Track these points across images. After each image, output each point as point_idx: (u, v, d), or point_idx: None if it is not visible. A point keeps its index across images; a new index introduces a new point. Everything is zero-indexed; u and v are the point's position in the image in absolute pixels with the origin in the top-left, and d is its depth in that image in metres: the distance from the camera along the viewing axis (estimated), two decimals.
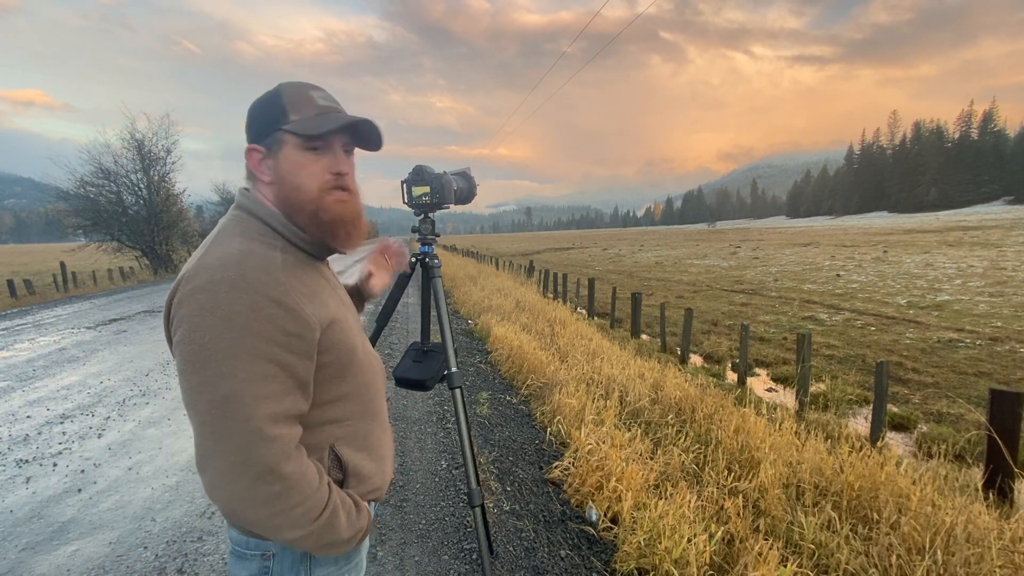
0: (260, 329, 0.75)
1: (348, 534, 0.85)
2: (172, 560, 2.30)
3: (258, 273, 0.78)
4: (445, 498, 2.85)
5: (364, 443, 0.96)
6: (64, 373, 5.49)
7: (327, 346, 0.85)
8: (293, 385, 0.79)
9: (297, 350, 0.79)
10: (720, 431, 3.31)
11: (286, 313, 0.78)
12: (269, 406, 0.75)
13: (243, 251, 0.80)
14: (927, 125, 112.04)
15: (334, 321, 0.87)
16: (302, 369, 0.81)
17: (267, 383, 0.76)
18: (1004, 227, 39.73)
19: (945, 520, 2.21)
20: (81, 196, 18.63)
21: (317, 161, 0.87)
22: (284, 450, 0.76)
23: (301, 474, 0.78)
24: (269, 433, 0.75)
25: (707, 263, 26.00)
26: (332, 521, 0.82)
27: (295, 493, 0.77)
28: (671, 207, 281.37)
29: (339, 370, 0.89)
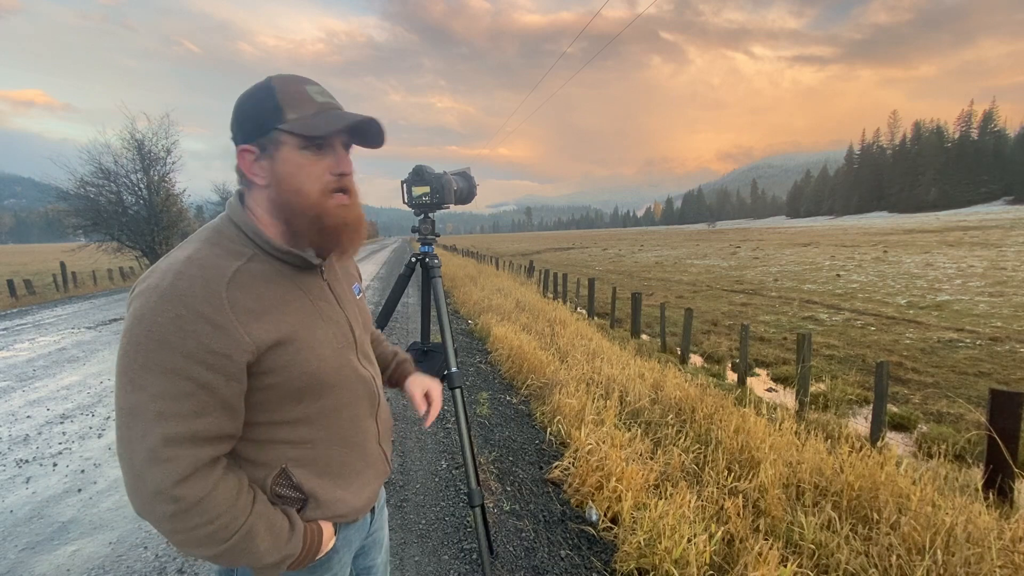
0: (180, 344, 0.71)
1: (271, 558, 0.81)
2: (172, 560, 2.30)
3: (193, 285, 0.73)
4: (445, 498, 2.85)
5: (327, 468, 0.90)
6: (64, 373, 5.49)
7: (271, 368, 0.80)
8: (214, 406, 0.75)
9: (222, 370, 0.74)
10: (720, 431, 3.31)
11: (213, 330, 0.73)
12: (170, 426, 0.71)
13: (190, 259, 0.76)
14: (927, 125, 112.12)
15: (286, 342, 0.81)
16: (227, 390, 0.75)
17: (178, 402, 0.72)
18: (1004, 227, 39.74)
19: (945, 520, 2.20)
20: (81, 196, 18.62)
21: (318, 162, 0.82)
22: (176, 473, 0.71)
23: (200, 497, 0.73)
24: (162, 454, 0.71)
25: (707, 263, 26.00)
26: (247, 544, 0.77)
27: (193, 515, 0.73)
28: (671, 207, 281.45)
29: (293, 392, 0.84)
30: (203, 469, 0.75)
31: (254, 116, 0.81)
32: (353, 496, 0.94)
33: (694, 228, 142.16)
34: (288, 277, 0.86)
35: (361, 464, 0.97)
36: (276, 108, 0.80)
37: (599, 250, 45.51)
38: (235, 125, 0.83)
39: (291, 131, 0.80)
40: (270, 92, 0.81)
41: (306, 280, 0.89)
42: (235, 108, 0.83)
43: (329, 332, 0.90)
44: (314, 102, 0.82)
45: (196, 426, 0.73)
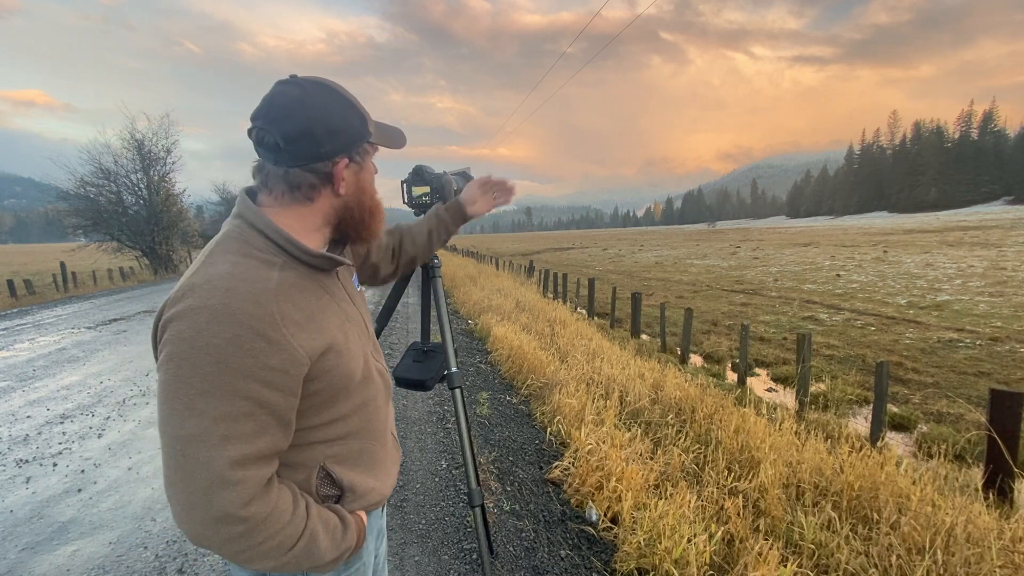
0: (240, 365, 0.70)
1: (331, 555, 0.83)
2: (172, 560, 2.30)
3: (244, 302, 0.71)
4: (445, 498, 2.85)
5: (359, 460, 0.93)
6: (64, 373, 5.49)
7: (317, 375, 0.80)
8: (272, 423, 0.75)
9: (280, 386, 0.74)
10: (720, 431, 3.31)
11: (270, 347, 0.72)
12: (237, 448, 0.71)
13: (232, 274, 0.74)
14: (927, 125, 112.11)
15: (330, 348, 0.81)
16: (284, 406, 0.75)
17: (240, 423, 0.71)
18: (1004, 227, 39.75)
19: (945, 520, 2.20)
20: (81, 196, 18.64)
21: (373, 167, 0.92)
22: (246, 494, 0.71)
23: (267, 513, 0.74)
24: (231, 478, 0.70)
25: (707, 263, 26.00)
26: (310, 548, 0.79)
27: (260, 531, 0.73)
28: (671, 207, 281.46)
29: (331, 396, 0.85)
30: (269, 482, 0.75)
31: (347, 128, 0.82)
32: (382, 484, 0.98)
33: (694, 228, 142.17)
34: (315, 282, 0.85)
35: (383, 452, 1.00)
36: (363, 120, 0.84)
37: (599, 250, 45.51)
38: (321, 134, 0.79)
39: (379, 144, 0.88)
40: (352, 103, 0.83)
41: (327, 282, 0.89)
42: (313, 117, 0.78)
43: (354, 331, 0.91)
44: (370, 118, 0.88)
45: (259, 446, 0.73)
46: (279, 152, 0.79)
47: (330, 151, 0.80)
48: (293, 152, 0.78)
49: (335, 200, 0.85)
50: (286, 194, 0.82)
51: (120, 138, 19.51)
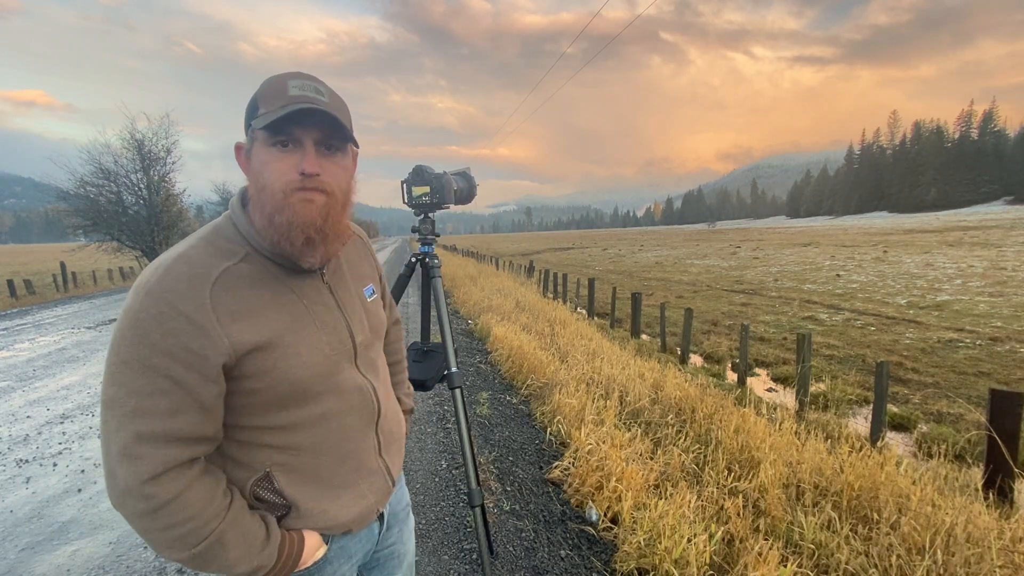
0: (160, 342, 0.70)
1: (242, 568, 0.78)
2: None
3: (177, 283, 0.73)
4: (445, 498, 2.85)
5: (314, 478, 0.87)
6: (64, 373, 5.49)
7: (252, 372, 0.78)
8: (191, 406, 0.73)
9: (200, 369, 0.73)
10: (720, 431, 3.31)
11: (194, 329, 0.72)
12: (144, 423, 0.71)
13: (180, 256, 0.76)
14: (927, 125, 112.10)
15: (268, 345, 0.78)
16: (205, 391, 0.74)
17: (154, 399, 0.71)
18: (1004, 227, 39.74)
19: (945, 520, 2.20)
20: (81, 196, 18.63)
21: (284, 158, 0.77)
22: (147, 471, 0.71)
23: (170, 498, 0.72)
24: (134, 451, 0.70)
25: (707, 263, 26.01)
26: (217, 551, 0.76)
27: (162, 516, 0.72)
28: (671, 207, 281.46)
29: (276, 399, 0.81)
30: (175, 469, 0.73)
31: (247, 114, 0.81)
32: (340, 509, 0.90)
33: (694, 228, 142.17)
34: (280, 279, 0.83)
35: (353, 476, 0.92)
36: (255, 105, 0.79)
37: (599, 250, 45.51)
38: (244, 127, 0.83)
39: (256, 126, 0.77)
40: (257, 91, 0.79)
41: (301, 283, 0.86)
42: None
43: (322, 338, 0.86)
44: (286, 96, 0.77)
45: (170, 425, 0.72)
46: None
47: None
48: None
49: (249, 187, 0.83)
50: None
51: (120, 138, 19.51)
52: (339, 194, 0.82)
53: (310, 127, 0.78)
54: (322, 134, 0.79)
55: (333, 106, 0.79)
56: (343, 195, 0.83)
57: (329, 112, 0.77)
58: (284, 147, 0.78)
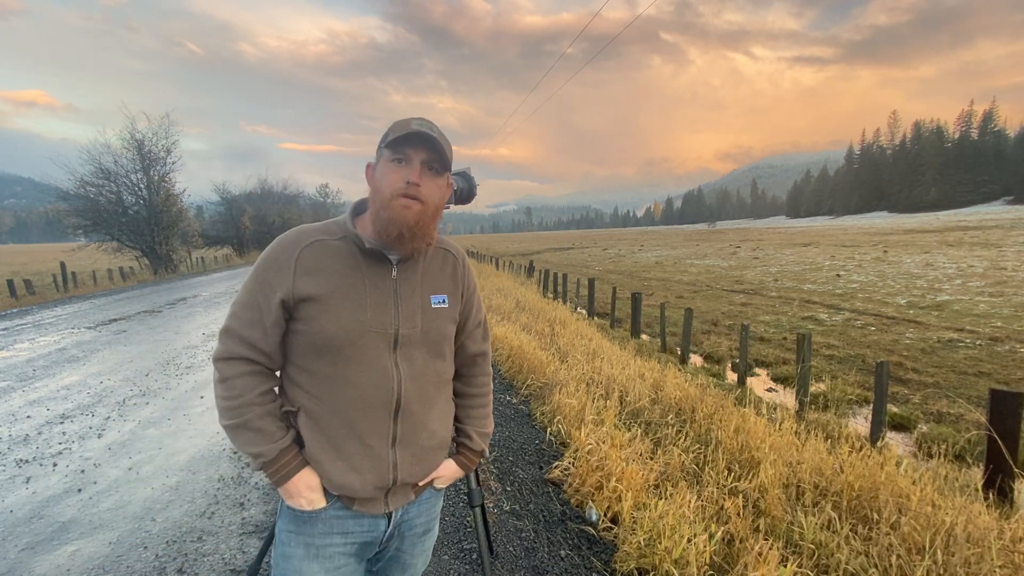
0: (261, 272, 1.03)
1: (253, 449, 1.01)
2: (172, 560, 2.30)
3: (287, 238, 1.05)
4: (445, 498, 2.84)
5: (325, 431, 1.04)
6: (64, 373, 5.49)
7: (300, 316, 1.02)
8: (259, 322, 1.02)
9: (269, 300, 1.01)
10: (720, 431, 3.31)
11: (279, 271, 1.01)
12: (233, 322, 1.02)
13: (301, 227, 1.08)
14: (927, 125, 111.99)
15: (317, 299, 1.01)
16: (267, 315, 1.01)
17: (244, 309, 1.03)
18: (1004, 227, 39.74)
19: (945, 520, 2.20)
20: (81, 196, 18.64)
21: (398, 171, 1.01)
22: (222, 351, 1.02)
23: (226, 376, 1.01)
24: (222, 336, 1.03)
25: (707, 263, 26.00)
26: (243, 432, 1.00)
27: (221, 387, 1.01)
28: (671, 207, 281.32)
29: (312, 346, 1.02)
30: (236, 360, 1.01)
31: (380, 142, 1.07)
32: (335, 470, 1.03)
33: (694, 228, 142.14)
34: (357, 260, 1.06)
35: (357, 449, 1.04)
36: (386, 133, 1.04)
37: (599, 250, 45.51)
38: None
39: (384, 145, 1.04)
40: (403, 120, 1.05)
41: (373, 269, 1.06)
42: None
43: (366, 313, 1.03)
44: (408, 127, 1.01)
45: (243, 331, 1.02)
46: None
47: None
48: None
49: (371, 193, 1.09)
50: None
51: (120, 138, 19.53)
52: (431, 206, 1.04)
53: (420, 149, 1.01)
54: (428, 156, 1.02)
55: (439, 138, 1.02)
56: (435, 208, 1.06)
57: (433, 136, 1.01)
58: (399, 163, 1.02)
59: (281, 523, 1.08)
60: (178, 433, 3.78)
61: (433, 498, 1.19)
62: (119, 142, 19.55)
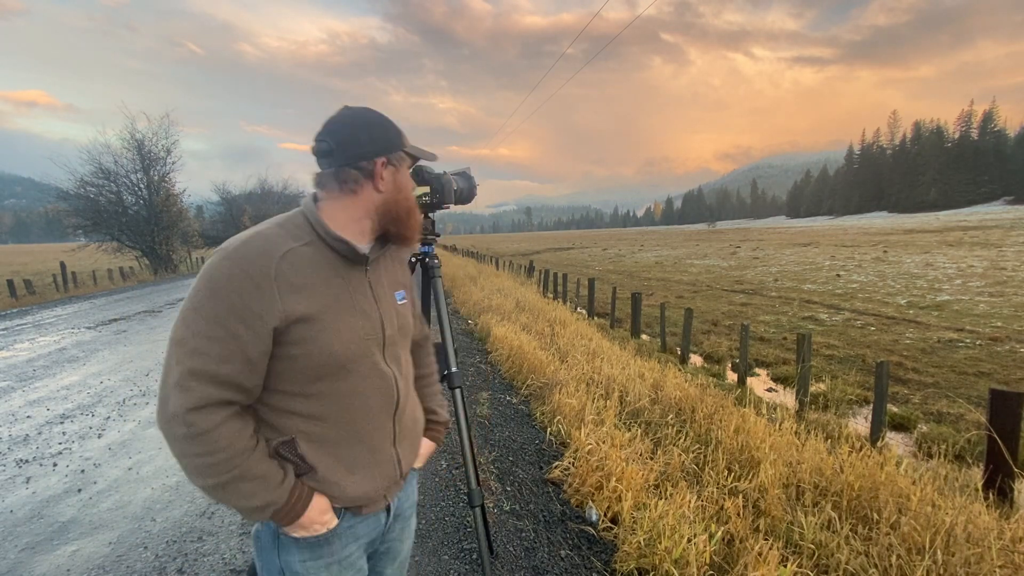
0: (227, 298, 0.85)
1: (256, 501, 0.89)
2: (172, 560, 2.30)
3: (250, 251, 0.88)
4: (445, 498, 2.85)
5: (334, 450, 0.98)
6: (64, 373, 5.49)
7: (295, 339, 0.91)
8: (239, 357, 0.86)
9: (254, 328, 0.87)
10: (720, 431, 3.31)
11: (257, 292, 0.86)
12: (200, 362, 0.84)
13: (257, 232, 0.92)
14: (927, 125, 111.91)
15: (312, 319, 0.91)
16: (253, 347, 0.87)
17: (211, 344, 0.85)
18: (1004, 227, 39.73)
19: (945, 520, 2.20)
20: (81, 196, 18.64)
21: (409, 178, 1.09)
22: (192, 402, 0.83)
23: (208, 429, 0.84)
24: (185, 384, 0.83)
25: (707, 263, 26.00)
26: (238, 485, 0.87)
27: (198, 443, 0.84)
28: (671, 207, 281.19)
29: (310, 369, 0.93)
30: (215, 406, 0.86)
31: (385, 136, 1.01)
32: (351, 484, 1.00)
33: (694, 228, 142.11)
34: (335, 266, 0.98)
35: (367, 458, 1.02)
36: (399, 134, 1.03)
37: (599, 250, 45.51)
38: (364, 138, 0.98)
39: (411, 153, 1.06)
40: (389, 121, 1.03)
41: (351, 273, 1.00)
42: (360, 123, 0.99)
43: (358, 322, 0.99)
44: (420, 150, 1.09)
45: (219, 369, 0.85)
46: (332, 155, 0.97)
47: (371, 152, 0.99)
48: (342, 152, 0.97)
49: (376, 195, 1.01)
50: (335, 189, 0.99)
51: (120, 138, 19.53)
52: None
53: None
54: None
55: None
56: None
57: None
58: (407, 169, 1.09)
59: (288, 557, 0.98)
60: None
61: (413, 478, 1.23)
62: (119, 142, 19.56)
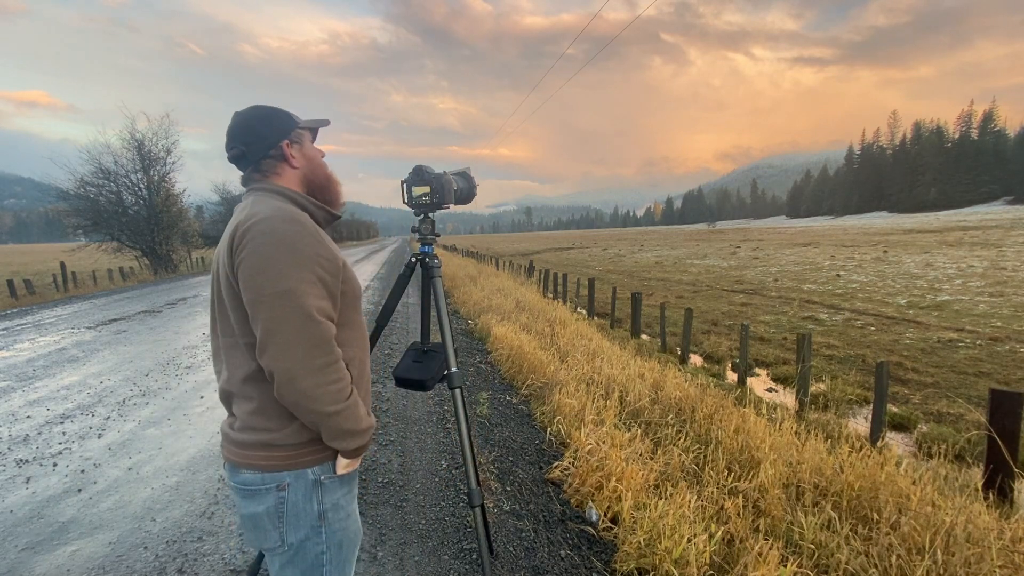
0: (306, 249, 1.02)
1: (365, 424, 1.08)
2: (172, 560, 2.30)
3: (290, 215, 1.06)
4: (445, 498, 2.84)
5: (361, 372, 1.17)
6: (64, 373, 5.49)
7: (346, 278, 1.12)
8: (327, 295, 1.05)
9: (329, 271, 1.05)
10: (720, 431, 3.31)
11: (320, 243, 1.06)
12: (316, 300, 1.01)
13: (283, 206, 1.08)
14: (927, 125, 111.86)
15: (346, 263, 1.14)
16: (332, 285, 1.07)
17: (314, 286, 1.01)
18: (1004, 227, 39.72)
19: (945, 520, 2.20)
20: (81, 196, 18.62)
21: (316, 148, 1.25)
22: (329, 331, 1.01)
23: (338, 355, 1.03)
24: (317, 318, 1.00)
25: (707, 263, 26.00)
26: (355, 407, 1.06)
27: (335, 369, 1.01)
28: (671, 207, 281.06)
29: (353, 300, 1.15)
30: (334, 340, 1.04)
31: (280, 123, 1.16)
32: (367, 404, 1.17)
33: (694, 228, 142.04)
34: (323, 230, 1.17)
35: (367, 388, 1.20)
36: (289, 116, 1.19)
37: (599, 250, 45.50)
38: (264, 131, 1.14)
39: (308, 127, 1.22)
40: (276, 109, 1.18)
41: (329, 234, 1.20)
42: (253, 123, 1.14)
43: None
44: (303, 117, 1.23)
45: (324, 305, 1.03)
46: (246, 156, 1.14)
47: (275, 139, 1.15)
48: (254, 150, 1.14)
49: (295, 172, 1.19)
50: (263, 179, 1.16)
51: (120, 138, 19.51)
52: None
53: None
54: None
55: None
56: None
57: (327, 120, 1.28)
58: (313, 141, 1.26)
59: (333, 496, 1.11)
60: (178, 433, 3.77)
61: None
62: (119, 142, 19.53)
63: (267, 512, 1.06)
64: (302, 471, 1.07)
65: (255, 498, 1.06)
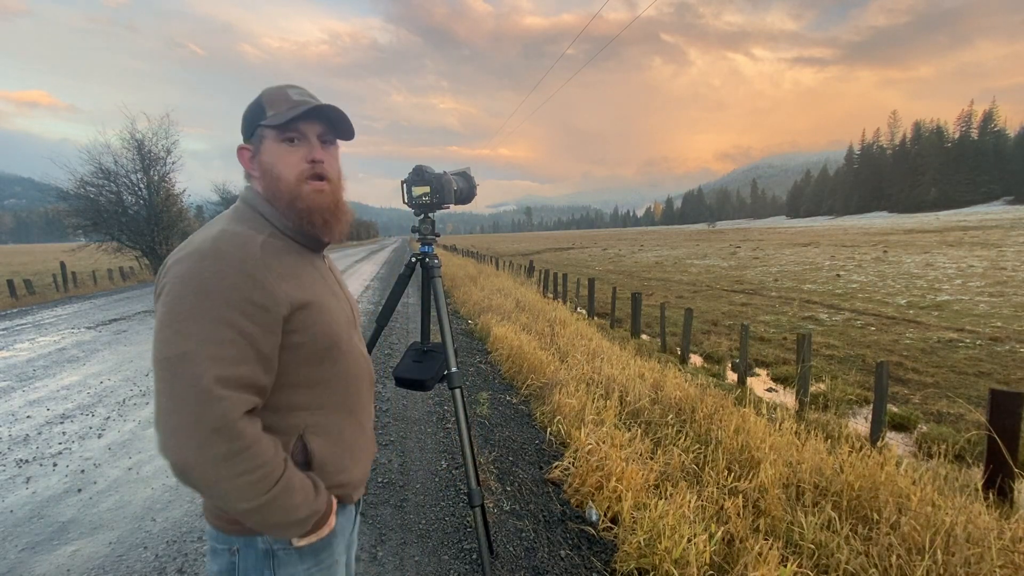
0: (224, 296, 0.77)
1: (304, 512, 0.83)
2: (172, 560, 2.30)
3: (231, 247, 0.82)
4: (445, 498, 2.85)
5: (338, 437, 0.95)
6: (64, 373, 5.49)
7: (299, 326, 0.87)
8: (252, 355, 0.79)
9: (260, 321, 0.80)
10: (720, 431, 3.31)
11: (252, 284, 0.80)
12: (221, 368, 0.76)
13: (224, 231, 0.85)
14: (927, 125, 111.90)
15: (310, 304, 0.88)
16: (264, 341, 0.81)
17: (223, 347, 0.76)
18: (1004, 227, 39.72)
19: (945, 520, 2.20)
20: (81, 196, 18.61)
21: (294, 152, 0.91)
22: (235, 410, 0.76)
23: (252, 439, 0.77)
24: (218, 393, 0.75)
25: (707, 263, 26.00)
26: (285, 497, 0.80)
27: (244, 459, 0.76)
28: (671, 207, 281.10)
29: (315, 354, 0.90)
30: (249, 415, 0.79)
31: (247, 119, 0.94)
32: (357, 470, 0.99)
33: (694, 228, 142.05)
34: (300, 254, 0.95)
35: (362, 440, 1.02)
36: (260, 109, 0.92)
37: (599, 250, 45.49)
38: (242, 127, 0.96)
39: (268, 124, 0.90)
40: (258, 99, 0.93)
41: (314, 259, 0.99)
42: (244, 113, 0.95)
43: (337, 305, 0.98)
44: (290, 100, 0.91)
45: (241, 372, 0.78)
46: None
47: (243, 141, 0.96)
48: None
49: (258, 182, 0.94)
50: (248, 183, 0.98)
51: (120, 138, 19.50)
52: (336, 180, 0.97)
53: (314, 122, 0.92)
54: (323, 129, 0.94)
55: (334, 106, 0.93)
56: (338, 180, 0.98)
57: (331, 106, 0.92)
58: (291, 143, 0.91)
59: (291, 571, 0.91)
60: None
61: None
62: (119, 142, 19.53)
63: (220, 574, 0.92)
64: (250, 537, 0.89)
65: (213, 556, 0.92)
